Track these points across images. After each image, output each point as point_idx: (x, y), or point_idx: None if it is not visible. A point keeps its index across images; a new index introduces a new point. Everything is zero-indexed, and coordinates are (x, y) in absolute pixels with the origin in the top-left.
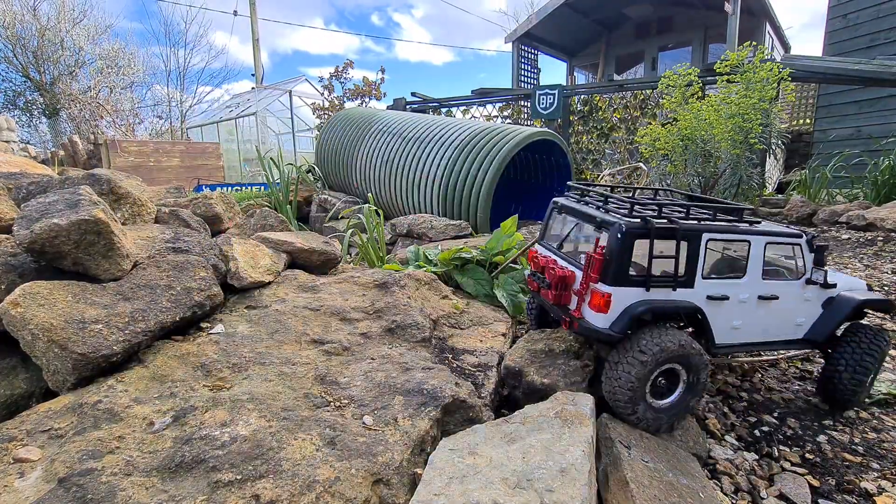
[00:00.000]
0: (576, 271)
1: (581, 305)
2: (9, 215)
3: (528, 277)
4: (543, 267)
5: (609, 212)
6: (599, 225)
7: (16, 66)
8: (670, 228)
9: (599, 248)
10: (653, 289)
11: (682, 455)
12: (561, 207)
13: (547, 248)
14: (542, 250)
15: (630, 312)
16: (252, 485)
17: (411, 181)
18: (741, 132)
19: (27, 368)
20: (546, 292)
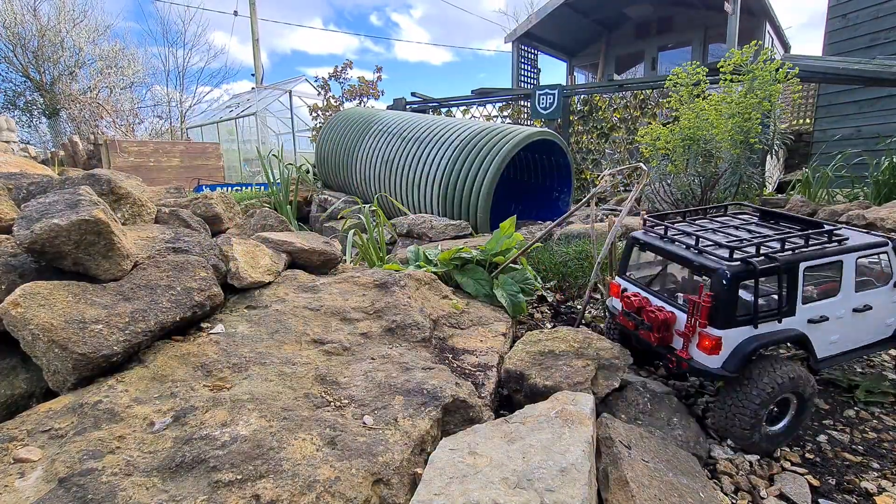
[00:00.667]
0: (676, 312)
1: (688, 346)
2: (9, 215)
3: (620, 315)
4: (640, 308)
5: (704, 253)
6: (699, 270)
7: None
8: (772, 267)
9: (707, 296)
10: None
11: (683, 455)
12: (644, 244)
13: (633, 284)
14: (628, 286)
15: (742, 351)
16: (252, 485)
17: (411, 181)
18: (742, 132)
19: (27, 368)
20: (647, 334)
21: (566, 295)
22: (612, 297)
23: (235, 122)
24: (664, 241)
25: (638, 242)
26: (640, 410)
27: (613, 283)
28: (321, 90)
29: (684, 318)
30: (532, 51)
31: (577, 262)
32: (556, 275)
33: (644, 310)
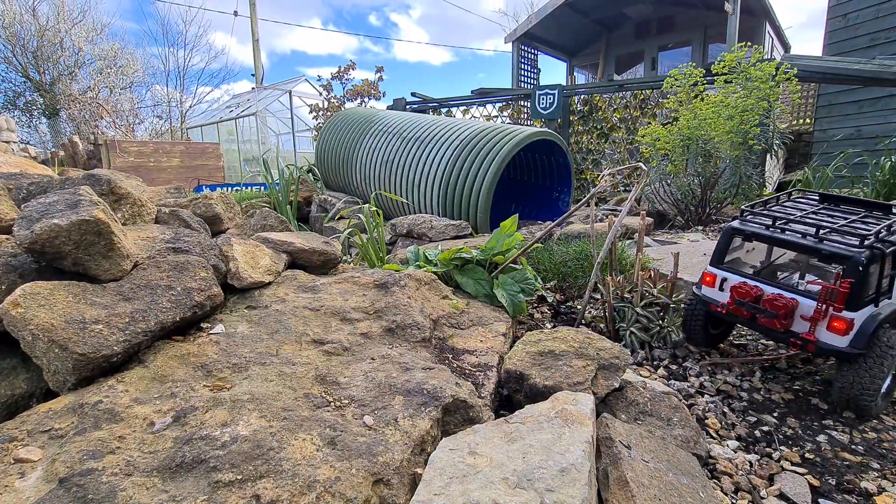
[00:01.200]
0: (798, 299)
1: (815, 329)
2: (9, 216)
3: (728, 304)
4: (758, 297)
5: (827, 241)
6: (828, 258)
7: (15, 67)
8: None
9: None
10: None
11: (683, 455)
12: (751, 235)
13: (737, 274)
14: (729, 275)
15: (868, 329)
16: (252, 485)
17: (411, 181)
18: (739, 134)
19: (28, 369)
20: (769, 321)
21: (566, 295)
22: (704, 286)
23: (235, 123)
24: (773, 231)
25: (741, 233)
26: (640, 410)
27: (707, 272)
28: (324, 90)
29: (807, 304)
30: (532, 51)
31: (577, 262)
32: (556, 275)
33: (763, 299)
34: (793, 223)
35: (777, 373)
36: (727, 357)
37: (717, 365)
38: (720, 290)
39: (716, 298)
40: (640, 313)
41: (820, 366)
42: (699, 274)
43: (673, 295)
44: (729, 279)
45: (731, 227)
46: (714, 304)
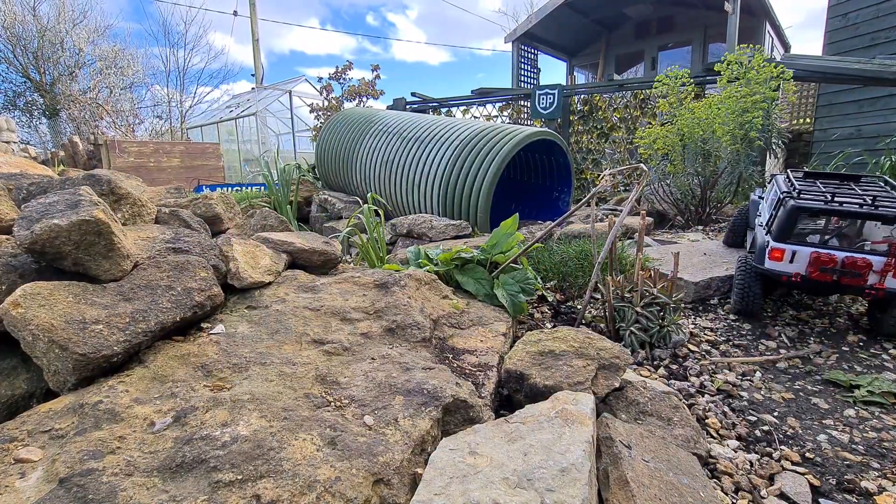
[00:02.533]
0: (870, 258)
1: (884, 279)
2: (9, 216)
3: (811, 273)
4: (835, 262)
5: (883, 207)
6: (892, 220)
7: (16, 67)
8: None
9: None
10: None
11: (683, 454)
12: (817, 210)
13: (806, 245)
14: (798, 248)
15: None
16: (253, 485)
17: (411, 181)
18: (742, 128)
19: (28, 369)
20: (853, 280)
21: (566, 295)
22: (771, 261)
23: (235, 123)
24: (832, 205)
25: (806, 210)
26: (640, 410)
27: (775, 248)
28: (323, 91)
29: (878, 261)
30: (532, 51)
31: (578, 262)
32: (557, 275)
33: (846, 262)
34: (840, 197)
35: (777, 372)
36: (727, 357)
37: (717, 364)
38: (791, 263)
39: (787, 270)
40: (641, 313)
41: (820, 366)
42: (699, 273)
43: (673, 295)
44: (800, 251)
45: (796, 205)
46: (785, 275)
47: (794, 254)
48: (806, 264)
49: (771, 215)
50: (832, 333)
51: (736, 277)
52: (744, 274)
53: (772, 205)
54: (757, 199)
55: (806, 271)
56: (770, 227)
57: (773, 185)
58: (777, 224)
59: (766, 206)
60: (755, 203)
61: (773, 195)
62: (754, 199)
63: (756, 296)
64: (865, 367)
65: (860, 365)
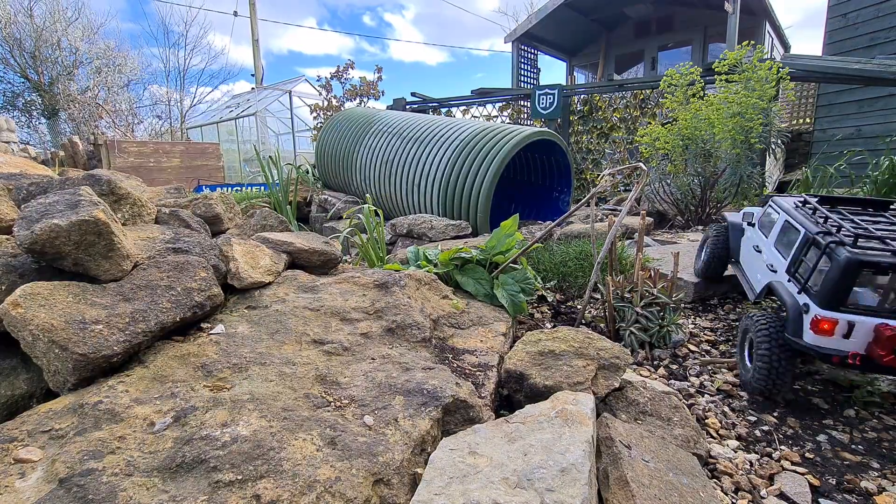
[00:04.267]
0: None
1: None
2: (9, 216)
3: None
4: None
5: None
6: None
7: (13, 67)
8: None
9: None
10: None
11: (683, 454)
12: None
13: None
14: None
15: None
16: (253, 485)
17: (411, 181)
18: (742, 131)
19: (28, 369)
20: None
21: (566, 295)
22: (818, 335)
23: (235, 123)
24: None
25: (872, 266)
26: (640, 410)
27: (823, 319)
28: (323, 90)
29: None
30: (532, 50)
31: (577, 262)
32: (556, 275)
33: None
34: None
35: None
36: (727, 357)
37: (717, 364)
38: (846, 338)
39: (840, 349)
40: (640, 313)
41: (820, 366)
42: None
43: (673, 295)
44: (860, 324)
45: (855, 259)
46: (837, 355)
47: (852, 327)
48: (870, 341)
49: (797, 260)
50: None
51: (759, 353)
52: (772, 348)
53: (789, 243)
54: (739, 224)
55: (869, 351)
56: (804, 281)
57: (777, 212)
58: (825, 284)
59: (772, 240)
60: (736, 228)
61: (786, 228)
62: (734, 223)
63: (787, 377)
64: None
65: None
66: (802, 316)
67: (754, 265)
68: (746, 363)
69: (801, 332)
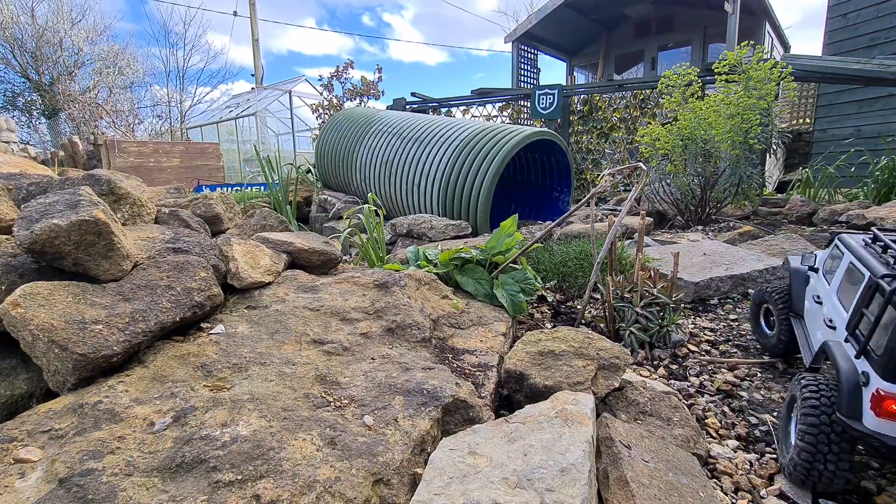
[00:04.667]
0: None
1: None
2: (9, 216)
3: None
4: None
5: None
6: None
7: (14, 67)
8: None
9: None
10: None
11: (682, 455)
12: None
13: None
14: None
15: None
16: (252, 485)
17: (411, 181)
18: (740, 132)
19: (28, 369)
20: None
21: (566, 295)
22: (884, 417)
23: (235, 123)
24: None
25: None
26: (640, 410)
27: (889, 394)
28: (324, 90)
29: None
30: (532, 50)
31: (577, 262)
32: (556, 275)
33: None
34: None
35: (777, 372)
36: (727, 357)
37: (717, 364)
38: None
39: None
40: (640, 313)
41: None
42: (699, 273)
43: (673, 295)
44: None
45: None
46: None
47: None
48: None
49: (858, 312)
50: None
51: (800, 433)
52: (821, 431)
53: (847, 289)
54: (804, 271)
55: None
56: (866, 341)
57: (842, 252)
58: (891, 344)
59: (833, 288)
60: (801, 275)
61: (850, 272)
62: (798, 269)
63: (840, 468)
64: None
65: None
66: (861, 389)
67: (815, 320)
68: (790, 439)
69: (859, 413)
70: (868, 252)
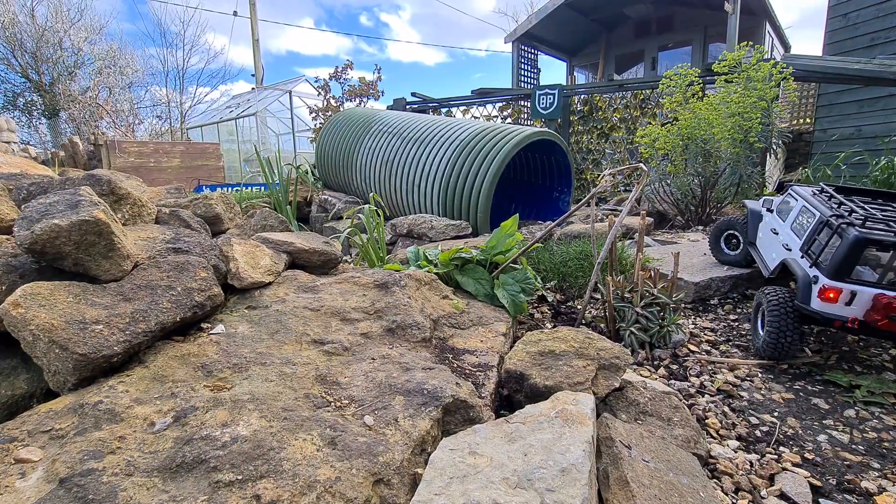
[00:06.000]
0: None
1: None
2: (9, 216)
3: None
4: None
5: None
6: None
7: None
8: None
9: None
10: None
11: (683, 455)
12: (889, 244)
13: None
14: (863, 290)
15: None
16: (253, 485)
17: (411, 181)
18: (741, 131)
19: (28, 369)
20: None
21: (566, 295)
22: (824, 301)
23: (235, 123)
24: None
25: (876, 243)
26: (640, 410)
27: (829, 288)
28: (321, 90)
29: None
30: (532, 51)
31: (578, 262)
32: (557, 275)
33: None
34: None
35: (777, 373)
36: (728, 357)
37: (717, 364)
38: (848, 305)
39: (842, 314)
40: (641, 313)
41: (820, 366)
42: (700, 273)
43: (673, 295)
44: (861, 293)
45: (862, 237)
46: (839, 320)
47: (854, 295)
48: (868, 308)
49: (811, 239)
50: (832, 333)
51: (769, 319)
52: (781, 315)
53: (804, 226)
54: (759, 210)
55: (867, 316)
56: (816, 256)
57: (795, 199)
58: (835, 258)
59: (789, 224)
60: (755, 215)
61: (802, 212)
62: (754, 210)
63: (794, 340)
64: (865, 367)
65: (860, 365)
66: (812, 286)
67: (770, 246)
68: (759, 332)
69: (809, 300)
70: (817, 199)
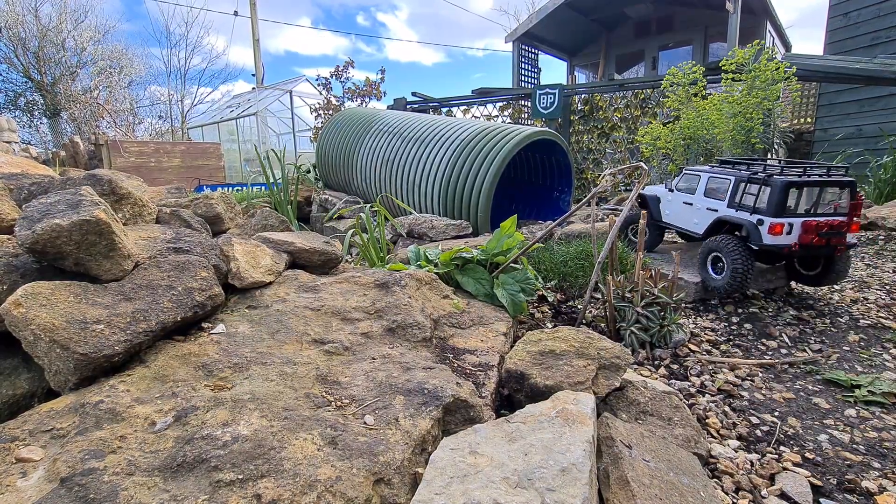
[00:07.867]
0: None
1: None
2: (10, 216)
3: (812, 240)
4: (829, 225)
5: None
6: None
7: (17, 67)
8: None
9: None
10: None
11: (683, 454)
12: (801, 184)
13: (800, 217)
14: (796, 221)
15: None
16: (253, 484)
17: (412, 181)
18: (743, 131)
19: (29, 368)
20: (839, 239)
21: (567, 295)
22: (774, 235)
23: (236, 123)
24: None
25: (795, 185)
26: (640, 410)
27: (776, 224)
28: (322, 89)
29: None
30: (532, 50)
31: (578, 262)
32: (557, 275)
33: (833, 225)
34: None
35: (778, 372)
36: (728, 357)
37: (718, 364)
38: (788, 234)
39: (787, 242)
40: (641, 313)
41: (820, 365)
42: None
43: (674, 294)
44: (796, 223)
45: (787, 181)
46: (786, 247)
47: (791, 226)
48: (801, 233)
49: (733, 196)
50: (833, 333)
51: (732, 259)
52: (741, 254)
53: (720, 189)
54: (656, 195)
55: (801, 239)
56: (754, 205)
57: (697, 175)
58: (771, 201)
59: (700, 193)
60: (654, 199)
61: (711, 182)
62: (651, 196)
63: (750, 273)
64: (866, 366)
65: (861, 365)
66: (759, 227)
67: (689, 215)
68: (712, 275)
69: (760, 238)
70: (720, 170)
